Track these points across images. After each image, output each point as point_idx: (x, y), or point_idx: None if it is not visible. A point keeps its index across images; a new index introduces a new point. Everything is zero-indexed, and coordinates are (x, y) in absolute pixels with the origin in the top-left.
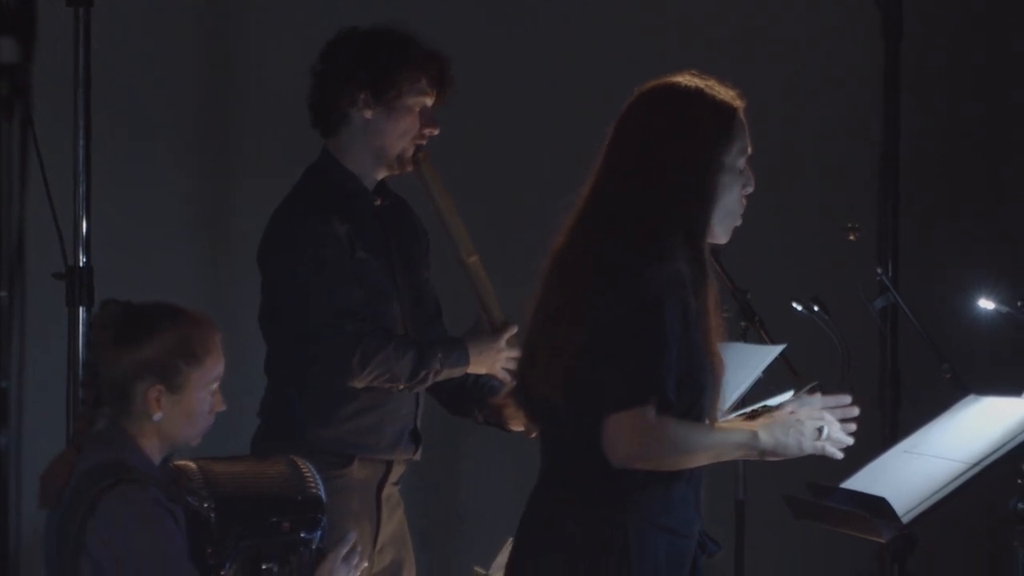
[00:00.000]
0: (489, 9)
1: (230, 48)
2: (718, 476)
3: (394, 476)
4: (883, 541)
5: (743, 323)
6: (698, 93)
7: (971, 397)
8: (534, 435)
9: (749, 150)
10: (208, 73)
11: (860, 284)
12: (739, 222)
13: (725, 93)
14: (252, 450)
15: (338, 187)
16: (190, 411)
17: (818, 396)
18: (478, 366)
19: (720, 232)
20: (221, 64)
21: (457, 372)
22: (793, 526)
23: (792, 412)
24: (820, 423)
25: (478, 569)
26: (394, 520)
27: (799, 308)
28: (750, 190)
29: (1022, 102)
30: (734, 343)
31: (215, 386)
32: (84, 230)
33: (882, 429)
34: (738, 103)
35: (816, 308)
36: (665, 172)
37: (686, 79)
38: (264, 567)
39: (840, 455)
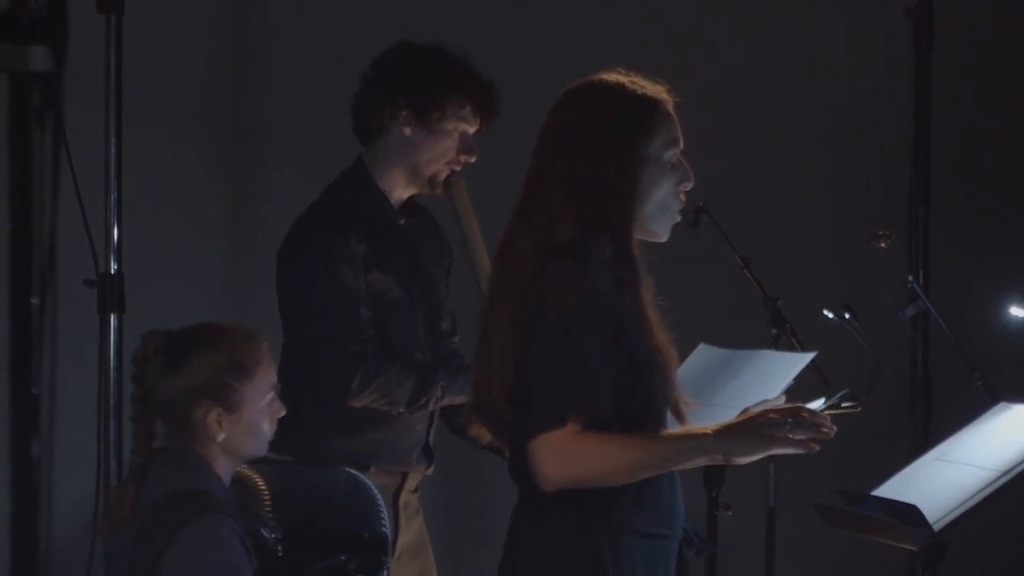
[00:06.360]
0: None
1: (260, 54)
2: (748, 484)
3: (411, 484)
4: (914, 549)
5: (774, 330)
6: (618, 87)
7: (1002, 405)
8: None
9: (680, 143)
10: (239, 80)
11: (890, 292)
12: (678, 218)
13: (649, 87)
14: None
15: (363, 203)
16: (251, 426)
17: (782, 399)
18: None
19: (657, 229)
20: (251, 70)
21: (460, 399)
22: (824, 534)
23: (759, 411)
24: (786, 419)
25: None
26: (412, 528)
27: (830, 316)
28: (688, 186)
29: None
30: (765, 351)
31: (271, 395)
32: (115, 237)
33: (913, 437)
34: (663, 96)
35: (847, 316)
36: (585, 169)
37: (609, 75)
38: None
39: (812, 449)
